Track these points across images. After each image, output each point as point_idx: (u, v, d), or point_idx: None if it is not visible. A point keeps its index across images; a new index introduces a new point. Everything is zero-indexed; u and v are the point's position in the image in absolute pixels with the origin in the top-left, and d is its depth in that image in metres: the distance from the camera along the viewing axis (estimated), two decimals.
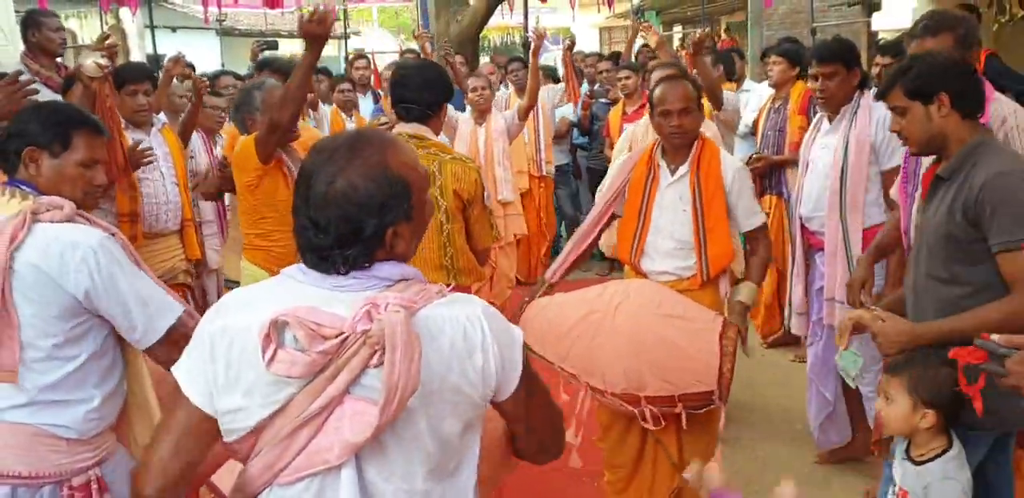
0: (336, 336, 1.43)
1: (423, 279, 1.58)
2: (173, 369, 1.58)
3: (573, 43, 7.20)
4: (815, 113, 5.02)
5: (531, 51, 5.88)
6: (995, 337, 1.80)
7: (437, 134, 3.47)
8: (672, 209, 3.26)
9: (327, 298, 1.49)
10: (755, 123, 5.80)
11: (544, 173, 7.08)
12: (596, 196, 3.83)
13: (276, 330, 1.44)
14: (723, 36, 15.22)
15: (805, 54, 5.23)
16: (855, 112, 3.65)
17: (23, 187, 2.17)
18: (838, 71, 3.64)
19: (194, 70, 8.25)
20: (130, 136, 3.98)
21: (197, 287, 4.52)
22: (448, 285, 1.59)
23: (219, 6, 13.04)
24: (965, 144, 2.38)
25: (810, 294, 3.90)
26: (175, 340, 2.09)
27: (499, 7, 11.43)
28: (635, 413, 2.88)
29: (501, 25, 23.24)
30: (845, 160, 3.61)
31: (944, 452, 2.27)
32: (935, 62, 2.44)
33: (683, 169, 3.27)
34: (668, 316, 2.90)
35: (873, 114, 3.58)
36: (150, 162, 3.94)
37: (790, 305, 4.04)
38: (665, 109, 3.21)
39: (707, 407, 2.89)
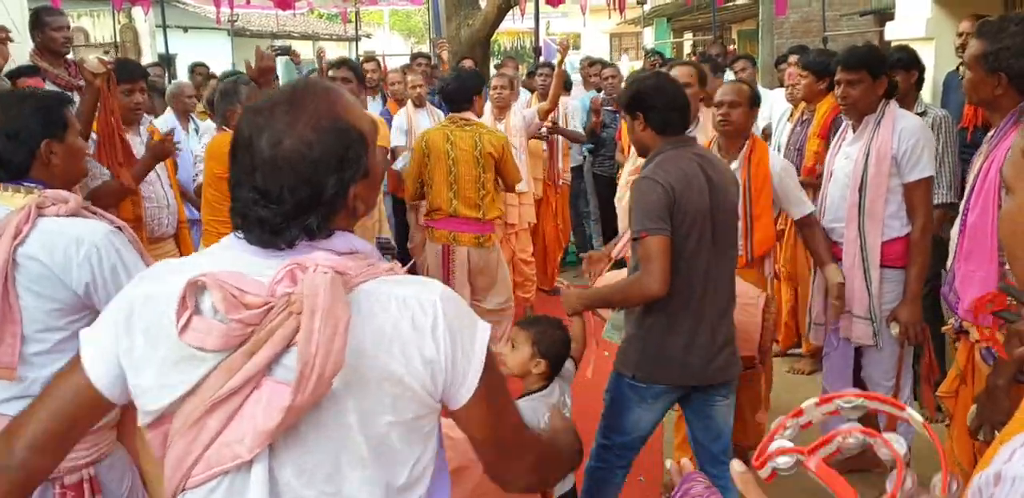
0: (261, 306, 1.23)
1: (378, 257, 1.39)
2: (81, 332, 1.40)
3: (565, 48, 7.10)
4: (834, 135, 4.94)
5: (557, 61, 6.36)
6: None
7: (479, 116, 5.07)
8: None
9: (260, 265, 1.30)
10: (766, 131, 5.77)
11: (561, 182, 7.21)
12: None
13: (193, 294, 1.25)
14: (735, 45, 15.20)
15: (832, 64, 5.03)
16: (878, 122, 3.54)
17: (27, 184, 2.13)
18: (863, 79, 3.51)
19: (208, 69, 8.30)
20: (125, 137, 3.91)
21: None
22: (478, 219, 1.47)
23: (231, 7, 13.09)
24: (653, 151, 2.98)
25: (828, 304, 3.77)
26: None
27: (510, 12, 11.44)
28: None
29: (512, 30, 23.31)
30: (865, 171, 3.51)
31: (539, 390, 2.83)
32: (644, 85, 2.98)
33: (735, 163, 3.64)
34: None
35: (896, 125, 3.48)
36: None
37: (809, 314, 3.95)
38: (718, 100, 3.71)
39: (750, 369, 3.35)
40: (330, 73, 5.18)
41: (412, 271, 1.40)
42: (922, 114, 4.12)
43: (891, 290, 3.53)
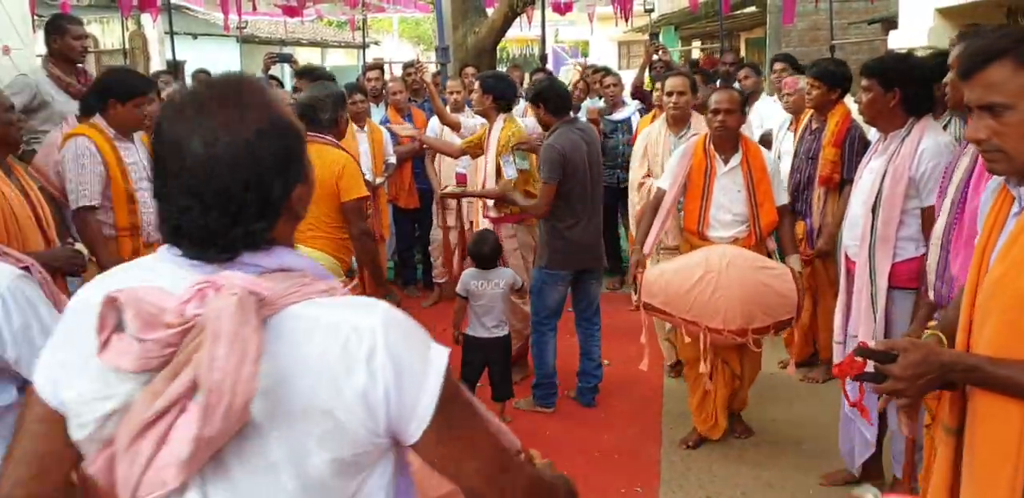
0: (180, 324, 1.11)
1: (320, 274, 1.26)
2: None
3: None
4: (849, 146, 4.73)
5: (572, 82, 6.83)
6: (872, 343, 1.81)
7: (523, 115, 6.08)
8: (729, 190, 4.23)
9: (188, 281, 1.15)
10: (766, 138, 5.74)
11: None
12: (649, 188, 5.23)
13: (114, 311, 1.13)
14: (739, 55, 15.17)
15: (845, 72, 4.84)
16: (902, 141, 3.38)
17: None
18: (871, 87, 3.39)
19: (210, 75, 8.31)
20: (118, 145, 3.91)
21: None
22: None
23: (239, 14, 13.14)
24: (552, 127, 4.58)
25: (850, 324, 3.66)
26: None
27: (518, 19, 11.46)
28: (740, 342, 3.96)
29: (520, 37, 23.35)
30: (880, 191, 3.39)
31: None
32: (542, 86, 4.79)
33: (734, 161, 4.23)
34: (761, 268, 3.94)
35: (920, 145, 3.31)
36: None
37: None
38: (714, 108, 4.15)
39: (787, 328, 4.16)
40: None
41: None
42: (945, 127, 3.84)
43: (899, 313, 3.40)
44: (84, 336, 1.17)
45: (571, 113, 4.69)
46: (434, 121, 6.63)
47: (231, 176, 1.17)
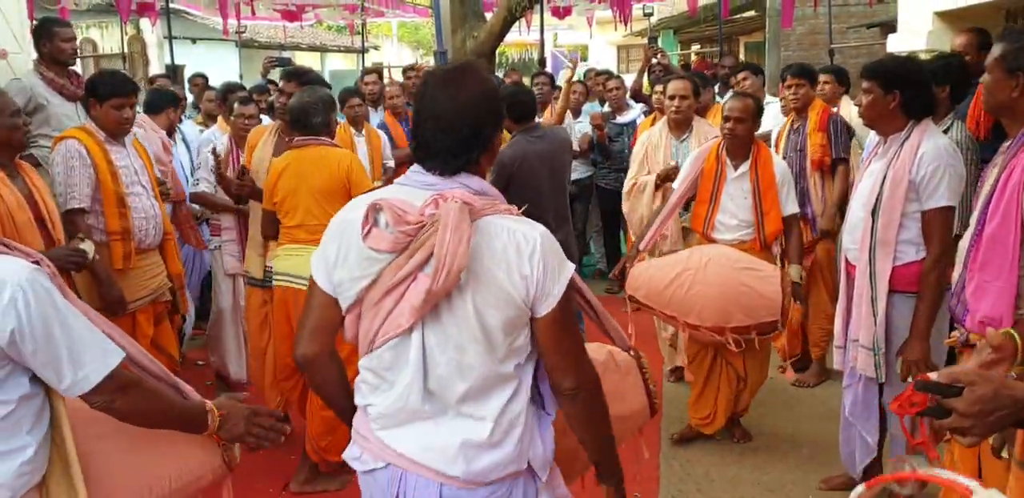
0: (416, 223, 1.79)
1: (502, 200, 1.93)
2: (311, 258, 1.98)
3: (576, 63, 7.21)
4: (833, 128, 5.03)
5: (567, 78, 6.56)
6: (933, 375, 1.61)
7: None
8: (736, 196, 4.32)
9: (419, 196, 1.85)
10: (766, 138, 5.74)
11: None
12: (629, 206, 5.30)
13: (373, 213, 1.84)
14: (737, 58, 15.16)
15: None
16: (902, 144, 3.36)
17: None
18: (871, 89, 3.37)
19: (206, 79, 8.31)
20: (109, 148, 3.89)
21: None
22: None
23: (238, 18, 13.15)
24: (514, 133, 4.54)
25: (850, 328, 3.62)
26: (113, 388, 1.83)
27: (517, 24, 11.44)
28: (721, 340, 3.99)
29: (519, 41, 23.37)
30: (880, 195, 3.37)
31: None
32: (506, 92, 4.43)
33: (744, 167, 4.31)
34: (744, 269, 3.98)
35: (920, 148, 3.30)
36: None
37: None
38: (726, 115, 4.28)
39: (773, 332, 4.07)
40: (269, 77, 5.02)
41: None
42: (947, 131, 3.92)
43: (900, 317, 3.37)
44: (348, 239, 1.89)
45: (533, 120, 4.72)
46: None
47: (464, 120, 1.86)
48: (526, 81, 9.74)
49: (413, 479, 1.91)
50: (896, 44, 6.15)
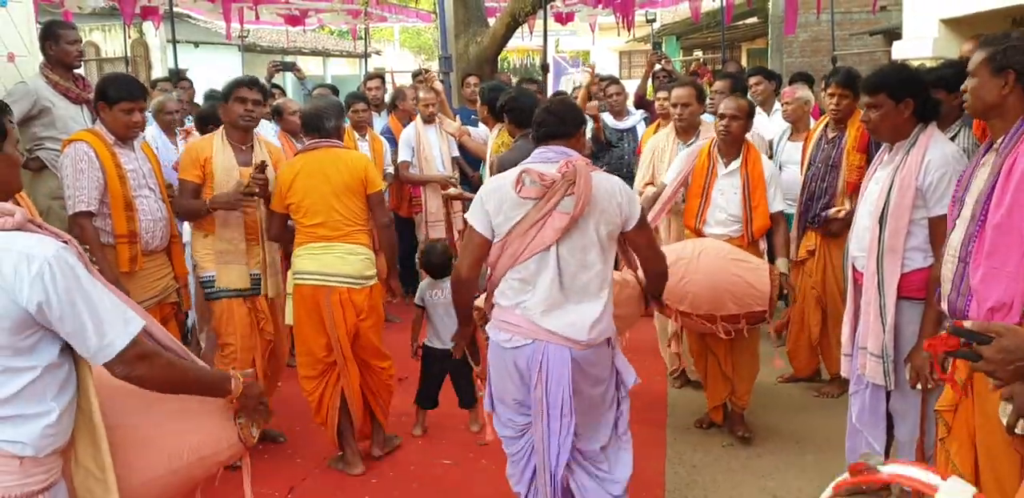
0: (551, 180, 2.95)
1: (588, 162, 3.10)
2: (466, 215, 3.18)
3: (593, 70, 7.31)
4: (876, 150, 4.53)
5: (584, 84, 7.09)
6: (967, 324, 1.86)
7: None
8: (726, 193, 4.53)
9: (547, 164, 3.06)
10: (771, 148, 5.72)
11: None
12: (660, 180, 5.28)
13: (522, 176, 3.00)
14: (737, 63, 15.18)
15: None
16: (908, 150, 3.35)
17: None
18: (882, 103, 3.34)
19: (191, 83, 8.29)
20: (117, 151, 3.89)
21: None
22: None
23: (241, 22, 13.16)
24: (516, 137, 4.95)
25: (857, 336, 3.60)
26: (135, 356, 1.99)
27: (519, 29, 11.46)
28: (712, 328, 4.17)
29: (521, 47, 23.41)
30: (887, 202, 3.35)
31: None
32: (506, 98, 4.95)
33: (734, 165, 4.53)
34: (735, 260, 4.17)
35: (927, 154, 3.29)
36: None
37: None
38: (721, 113, 4.50)
39: (761, 322, 4.26)
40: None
41: None
42: (954, 138, 3.85)
43: (908, 324, 3.36)
44: (502, 194, 3.03)
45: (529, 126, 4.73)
46: (408, 133, 6.73)
47: (564, 114, 3.20)
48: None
49: (552, 348, 2.98)
50: (901, 51, 6.14)
